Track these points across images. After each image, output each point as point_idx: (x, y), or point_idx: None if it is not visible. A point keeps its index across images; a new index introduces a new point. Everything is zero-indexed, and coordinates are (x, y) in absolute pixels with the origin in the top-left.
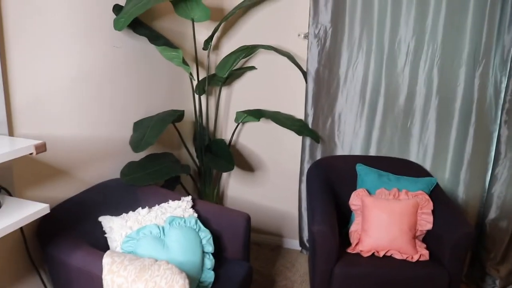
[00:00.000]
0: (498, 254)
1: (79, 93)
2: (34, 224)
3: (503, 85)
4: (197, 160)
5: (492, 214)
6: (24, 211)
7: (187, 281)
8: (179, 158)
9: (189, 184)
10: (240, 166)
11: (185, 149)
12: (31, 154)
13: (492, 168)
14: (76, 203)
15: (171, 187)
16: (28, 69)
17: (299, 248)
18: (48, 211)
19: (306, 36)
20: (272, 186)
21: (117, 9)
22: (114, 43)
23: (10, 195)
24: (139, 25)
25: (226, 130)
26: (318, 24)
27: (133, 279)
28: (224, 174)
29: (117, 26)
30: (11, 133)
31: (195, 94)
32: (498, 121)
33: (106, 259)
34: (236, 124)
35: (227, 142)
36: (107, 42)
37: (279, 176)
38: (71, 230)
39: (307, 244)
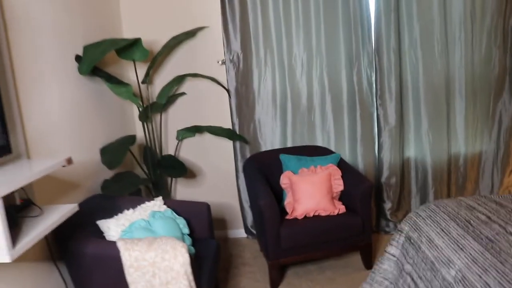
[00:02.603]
0: (394, 204)
1: (68, 125)
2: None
3: (373, 78)
4: (150, 175)
5: (385, 174)
6: (61, 211)
7: (184, 243)
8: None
9: (146, 195)
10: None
11: (138, 167)
12: (63, 166)
13: (378, 140)
14: (76, 212)
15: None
16: (34, 109)
17: (245, 235)
18: (77, 209)
19: (223, 62)
20: (213, 186)
21: (78, 58)
22: (80, 86)
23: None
24: (95, 69)
25: (168, 148)
26: (232, 51)
27: (146, 250)
28: (173, 183)
29: (81, 71)
30: (28, 157)
31: (140, 121)
32: (375, 104)
33: (119, 242)
34: (177, 141)
35: None
36: (76, 84)
37: (217, 177)
38: (80, 230)
39: (252, 230)
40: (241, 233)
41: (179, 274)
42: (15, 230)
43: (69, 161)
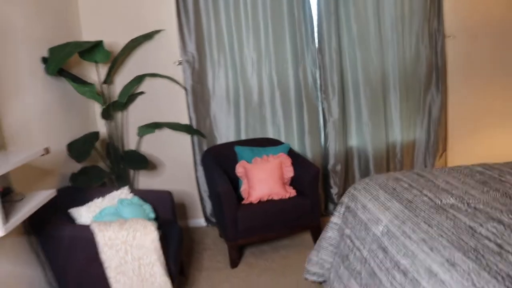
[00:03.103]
0: (340, 189)
1: (43, 121)
2: None
3: (317, 75)
4: (113, 168)
5: (331, 162)
6: (41, 196)
7: (153, 222)
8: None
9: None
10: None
11: (102, 161)
12: (42, 155)
13: (323, 131)
14: (48, 202)
15: None
16: (10, 106)
17: (205, 224)
18: (55, 194)
19: (180, 62)
20: (173, 178)
21: (44, 60)
22: (48, 86)
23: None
24: (60, 70)
25: (129, 143)
26: (187, 52)
27: (118, 230)
28: (135, 175)
29: (48, 72)
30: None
31: (102, 119)
32: (320, 98)
33: (93, 224)
34: (139, 137)
35: None
36: (43, 84)
37: (177, 169)
38: (54, 218)
39: (211, 218)
40: (201, 222)
41: (149, 250)
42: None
43: (47, 150)
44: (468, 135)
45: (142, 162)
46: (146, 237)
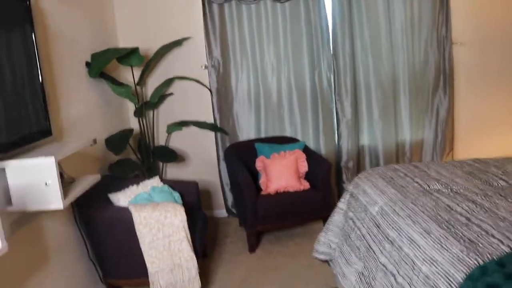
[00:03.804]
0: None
1: (87, 117)
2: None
3: (332, 79)
4: (144, 161)
5: (343, 158)
6: (89, 179)
7: (181, 205)
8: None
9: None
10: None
11: (134, 155)
12: (91, 145)
13: (337, 130)
14: (92, 188)
15: None
16: (62, 104)
17: (226, 215)
18: (99, 179)
19: (206, 66)
20: (197, 171)
21: (88, 64)
22: (90, 87)
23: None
24: (101, 73)
25: (159, 139)
26: (213, 58)
27: (152, 211)
28: (164, 168)
29: (91, 75)
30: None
31: (135, 117)
32: (334, 100)
33: (130, 206)
34: (167, 134)
35: None
36: (87, 85)
37: (201, 164)
38: (95, 201)
39: (232, 210)
40: (222, 213)
41: (178, 228)
42: None
43: (95, 141)
44: (473, 137)
45: (172, 155)
46: (176, 217)
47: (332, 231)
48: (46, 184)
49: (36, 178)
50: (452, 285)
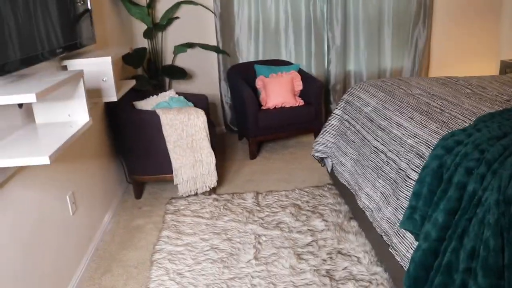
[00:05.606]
0: None
1: (113, 34)
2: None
3: (325, 9)
4: (153, 78)
5: (332, 82)
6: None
7: (202, 110)
8: None
9: None
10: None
11: (145, 73)
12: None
13: (327, 56)
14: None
15: None
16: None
17: (225, 131)
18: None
19: None
20: (199, 89)
21: None
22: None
23: None
24: None
25: (166, 59)
26: None
27: (176, 114)
28: (170, 84)
29: None
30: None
31: (145, 38)
32: (326, 29)
33: (157, 110)
34: (174, 55)
35: None
36: (112, 5)
37: (203, 81)
38: (124, 108)
39: (231, 126)
40: (221, 130)
41: (200, 129)
42: None
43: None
44: (447, 65)
45: (181, 73)
46: (198, 119)
47: (329, 133)
48: (103, 80)
49: (95, 76)
50: (431, 147)
